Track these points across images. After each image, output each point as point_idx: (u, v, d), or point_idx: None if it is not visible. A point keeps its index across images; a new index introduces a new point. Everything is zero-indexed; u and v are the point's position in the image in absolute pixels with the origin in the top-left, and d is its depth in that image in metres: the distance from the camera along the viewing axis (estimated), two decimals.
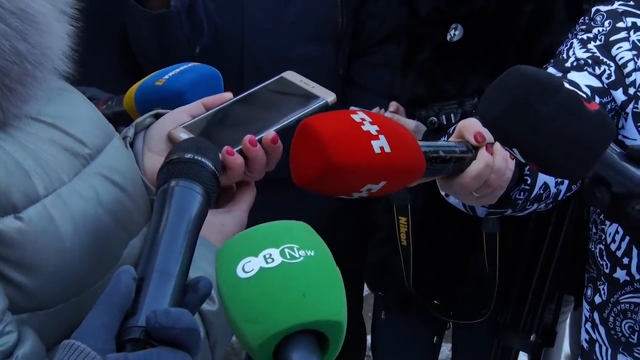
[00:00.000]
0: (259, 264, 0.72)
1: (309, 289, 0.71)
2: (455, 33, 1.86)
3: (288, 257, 0.72)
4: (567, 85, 0.98)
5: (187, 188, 0.85)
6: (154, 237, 0.81)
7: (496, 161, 1.12)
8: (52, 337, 0.84)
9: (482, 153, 1.12)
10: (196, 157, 0.87)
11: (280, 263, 0.72)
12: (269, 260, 0.72)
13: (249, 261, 0.72)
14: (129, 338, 0.73)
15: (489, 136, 1.12)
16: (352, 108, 1.87)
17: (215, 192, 0.89)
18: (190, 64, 1.25)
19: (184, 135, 1.04)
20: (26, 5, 0.82)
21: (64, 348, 0.71)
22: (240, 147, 1.02)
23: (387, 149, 0.95)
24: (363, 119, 0.97)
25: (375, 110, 1.89)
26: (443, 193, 1.26)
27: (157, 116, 1.09)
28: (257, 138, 1.03)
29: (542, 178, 1.27)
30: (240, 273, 0.72)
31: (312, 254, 0.73)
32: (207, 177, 0.87)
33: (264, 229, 0.76)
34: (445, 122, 1.83)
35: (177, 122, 1.07)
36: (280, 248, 0.73)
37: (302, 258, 0.73)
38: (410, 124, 1.86)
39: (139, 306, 0.75)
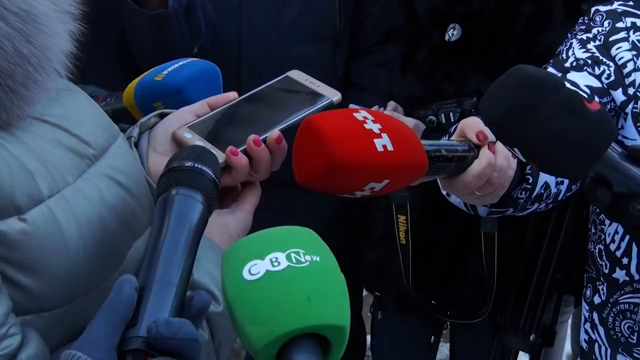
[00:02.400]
0: (265, 267, 0.72)
1: (314, 293, 0.71)
2: (453, 33, 1.86)
3: (294, 261, 0.72)
4: (567, 85, 0.98)
5: (188, 196, 0.84)
6: (154, 246, 0.80)
7: (498, 160, 1.12)
8: (56, 339, 0.84)
9: (485, 152, 1.12)
10: (196, 165, 0.87)
11: (286, 267, 0.72)
12: (275, 263, 0.72)
13: (255, 264, 0.72)
14: (130, 349, 0.73)
15: (491, 135, 1.12)
16: (351, 106, 1.87)
17: (216, 200, 0.88)
18: (189, 60, 1.25)
19: (188, 135, 1.04)
20: (29, 6, 0.81)
21: (65, 358, 0.71)
22: (245, 146, 1.02)
23: (390, 147, 0.95)
24: (366, 117, 0.96)
25: (374, 109, 1.88)
26: (445, 192, 1.26)
27: (162, 116, 1.09)
28: (261, 138, 1.02)
29: (543, 177, 1.27)
30: (247, 275, 0.72)
31: (318, 259, 0.74)
32: (208, 185, 0.86)
33: (270, 233, 0.76)
34: (444, 121, 1.83)
35: (181, 121, 1.06)
36: (287, 252, 0.73)
37: (308, 263, 0.73)
38: (410, 122, 1.86)
39: (140, 316, 0.74)
